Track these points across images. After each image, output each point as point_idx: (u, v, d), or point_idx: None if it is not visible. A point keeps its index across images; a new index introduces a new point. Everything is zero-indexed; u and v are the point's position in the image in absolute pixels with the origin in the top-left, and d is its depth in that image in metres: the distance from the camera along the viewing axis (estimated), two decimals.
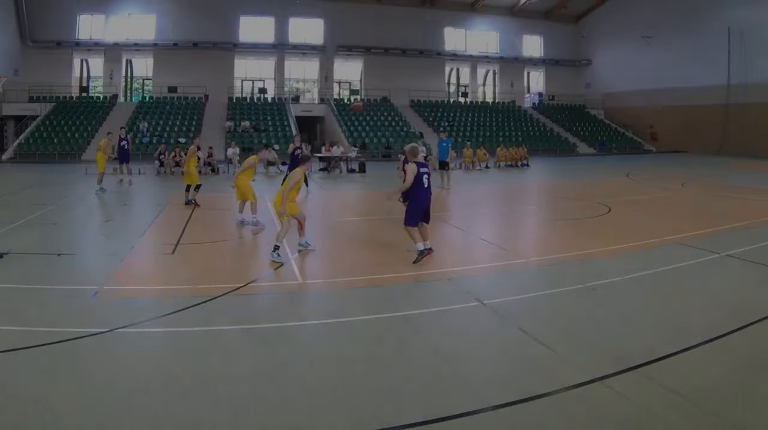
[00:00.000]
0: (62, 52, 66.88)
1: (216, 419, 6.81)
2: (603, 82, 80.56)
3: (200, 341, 9.25)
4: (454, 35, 78.82)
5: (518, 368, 8.21)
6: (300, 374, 8.11)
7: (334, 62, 75.11)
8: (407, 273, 13.54)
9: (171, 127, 59.26)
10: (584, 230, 19.26)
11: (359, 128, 63.20)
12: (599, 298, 11.53)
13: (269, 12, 71.49)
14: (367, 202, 25.07)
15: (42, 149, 53.10)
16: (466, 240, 18.12)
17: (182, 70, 68.30)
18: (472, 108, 75.54)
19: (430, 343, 9.15)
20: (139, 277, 13.84)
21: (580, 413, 6.95)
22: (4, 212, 20.51)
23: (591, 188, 31.30)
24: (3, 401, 7.06)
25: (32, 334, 9.24)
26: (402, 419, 6.83)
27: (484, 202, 27.08)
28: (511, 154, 50.29)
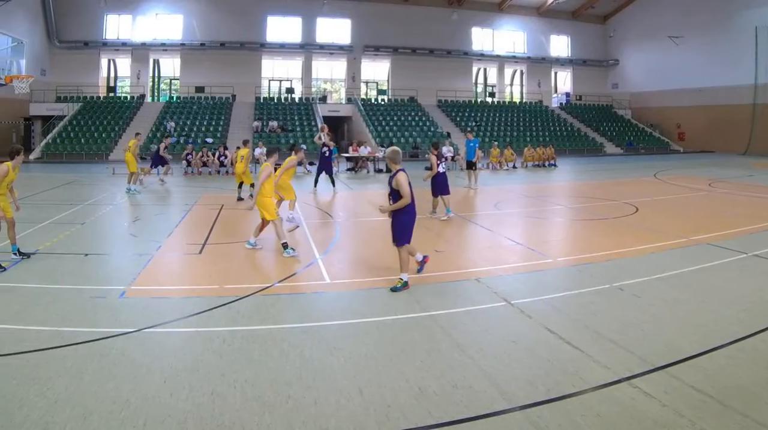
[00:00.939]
0: (89, 53, 67.16)
1: (243, 419, 6.87)
2: (630, 82, 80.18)
3: (227, 342, 9.30)
4: (481, 35, 78.45)
5: (545, 368, 8.24)
6: (328, 374, 8.15)
7: (361, 62, 74.90)
8: (435, 273, 13.54)
9: (198, 128, 59.30)
10: (611, 230, 19.20)
11: (386, 128, 62.96)
12: (626, 298, 11.54)
13: (296, 12, 71.37)
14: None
15: (69, 149, 53.20)
16: (493, 240, 18.02)
17: (209, 70, 68.49)
18: (499, 108, 75.18)
19: (458, 343, 9.17)
20: (166, 277, 13.94)
21: (608, 412, 6.99)
22: (32, 212, 20.56)
23: (618, 188, 31.15)
24: (32, 400, 7.17)
25: (60, 334, 9.39)
26: (430, 419, 6.89)
27: (511, 202, 27.02)
28: (538, 154, 50.01)
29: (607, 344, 9.04)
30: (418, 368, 8.26)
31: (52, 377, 7.88)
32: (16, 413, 6.89)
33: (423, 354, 8.77)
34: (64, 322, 9.76)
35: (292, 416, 6.94)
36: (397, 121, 65.31)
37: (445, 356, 8.68)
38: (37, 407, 7.02)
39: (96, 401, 7.24)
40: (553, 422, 6.76)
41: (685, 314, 10.55)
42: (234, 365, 8.40)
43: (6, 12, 51.77)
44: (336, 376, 8.06)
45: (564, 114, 76.58)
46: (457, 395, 7.46)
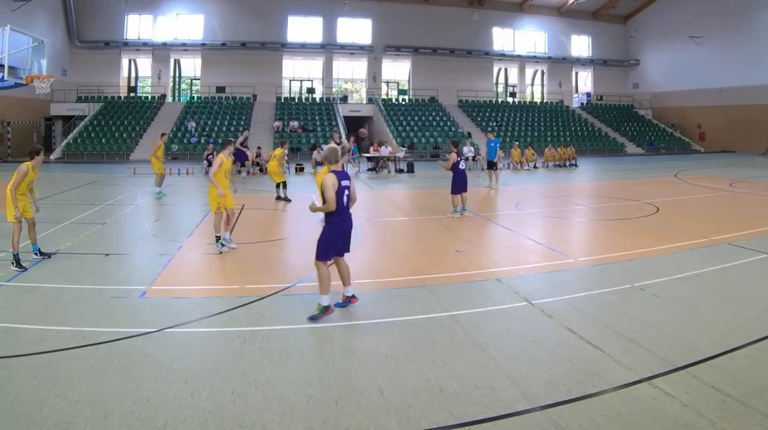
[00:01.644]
0: (110, 52, 67.47)
1: (264, 419, 6.90)
2: (651, 82, 79.88)
3: (248, 342, 9.34)
4: (502, 35, 78.33)
5: (566, 367, 8.26)
6: (348, 374, 8.19)
7: (382, 62, 74.92)
8: (456, 273, 13.58)
9: (219, 127, 59.39)
10: (632, 230, 19.15)
11: (407, 128, 63.00)
12: (647, 298, 11.53)
13: (317, 12, 71.47)
14: (415, 202, 25.05)
15: (90, 149, 53.47)
16: (514, 240, 18.00)
17: (230, 70, 68.62)
18: (520, 108, 75.05)
19: (479, 343, 9.19)
20: (187, 277, 14.01)
21: (628, 412, 6.99)
22: (53, 212, 20.65)
23: (639, 188, 31.08)
24: (53, 400, 7.23)
25: (80, 334, 9.45)
26: (451, 419, 6.90)
27: (532, 202, 26.99)
28: (559, 154, 49.92)
29: (627, 344, 9.04)
30: (438, 368, 8.27)
31: (72, 377, 7.93)
32: (37, 413, 6.94)
33: (444, 354, 8.78)
34: (85, 322, 9.81)
35: (312, 416, 6.97)
36: (417, 121, 65.31)
37: (466, 356, 8.70)
38: (57, 407, 7.06)
39: (116, 401, 7.28)
40: (574, 422, 6.77)
41: (706, 314, 10.55)
42: (254, 365, 8.44)
43: (27, 12, 52.00)
44: (357, 376, 8.09)
45: (585, 114, 76.34)
46: (478, 395, 7.47)
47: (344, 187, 10.74)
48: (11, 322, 10.04)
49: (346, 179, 10.87)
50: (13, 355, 8.69)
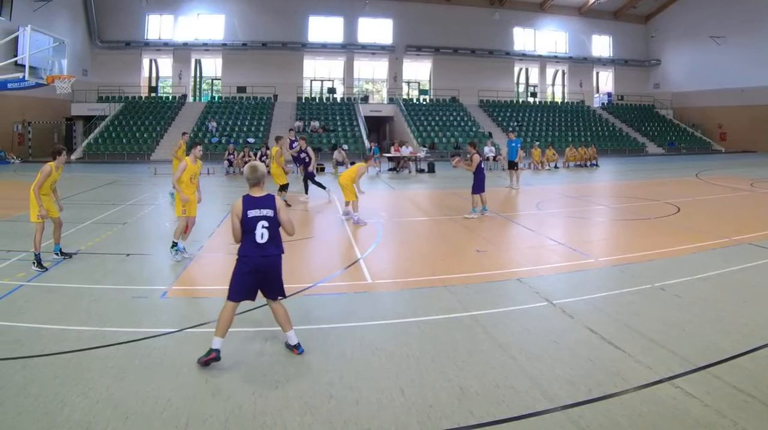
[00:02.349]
0: (131, 53, 68.01)
1: (285, 419, 6.92)
2: (672, 82, 79.71)
3: (269, 342, 9.39)
4: (523, 35, 78.45)
5: (587, 368, 8.25)
6: (369, 374, 8.20)
7: (403, 62, 75.10)
8: (477, 273, 13.57)
9: (240, 127, 59.78)
10: (653, 230, 19.10)
11: (428, 128, 63.07)
12: (668, 298, 11.49)
13: (338, 12, 71.78)
14: (436, 202, 25.02)
15: (111, 149, 53.86)
16: (535, 240, 17.99)
17: (251, 70, 68.96)
18: (541, 108, 75.14)
19: (500, 343, 9.19)
20: (207, 277, 14.09)
21: (649, 412, 6.98)
22: (74, 212, 20.69)
23: (660, 188, 31.07)
24: (74, 400, 7.27)
25: (101, 334, 9.50)
26: (472, 418, 6.91)
27: (553, 202, 26.97)
28: (580, 154, 49.91)
29: (648, 344, 9.03)
30: (459, 368, 8.28)
31: (93, 377, 7.97)
32: (58, 413, 6.98)
33: (464, 354, 8.78)
34: (106, 322, 9.83)
35: (333, 416, 6.98)
36: (438, 121, 65.45)
37: (486, 356, 8.70)
38: (78, 408, 7.10)
39: (137, 401, 7.32)
40: (595, 422, 6.76)
41: (727, 314, 10.49)
42: (276, 365, 8.48)
43: (48, 12, 52.38)
44: (378, 376, 8.10)
45: (606, 114, 76.30)
46: (499, 394, 7.47)
47: (256, 218, 8.82)
48: (32, 322, 10.10)
49: (265, 208, 8.90)
50: (35, 355, 8.74)
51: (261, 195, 8.95)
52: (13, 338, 9.36)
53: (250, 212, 8.76)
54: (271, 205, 8.89)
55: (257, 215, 8.75)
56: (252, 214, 8.75)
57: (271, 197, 9.00)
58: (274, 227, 8.88)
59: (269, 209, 8.84)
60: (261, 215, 8.76)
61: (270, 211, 8.84)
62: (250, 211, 8.77)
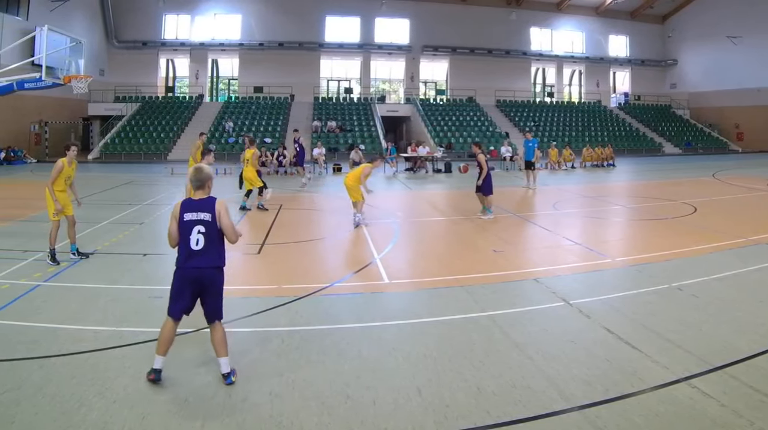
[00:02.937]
0: (148, 52, 68.28)
1: (302, 419, 6.93)
2: (689, 82, 79.41)
3: (286, 342, 9.37)
4: (539, 35, 78.28)
5: (604, 368, 8.25)
6: (386, 374, 8.20)
7: (420, 62, 75.07)
8: (493, 273, 13.58)
9: (257, 127, 59.79)
10: (670, 230, 19.10)
11: (445, 128, 62.99)
12: (685, 298, 11.47)
13: (355, 12, 71.78)
14: (453, 202, 24.98)
15: (128, 149, 54.01)
16: (552, 240, 17.99)
17: (268, 70, 69.09)
18: (557, 108, 74.98)
19: (516, 343, 9.19)
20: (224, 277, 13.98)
21: (666, 412, 6.97)
22: (91, 212, 20.68)
23: (676, 188, 31.04)
24: (90, 400, 7.30)
25: (119, 334, 9.54)
26: (488, 418, 6.92)
27: (570, 202, 26.97)
28: (597, 154, 49.74)
29: (665, 344, 9.02)
30: (476, 368, 8.28)
31: (110, 377, 8.00)
32: (75, 413, 7.00)
33: (481, 354, 8.78)
34: (123, 322, 9.85)
35: (350, 416, 6.98)
36: (455, 122, 65.33)
37: (503, 356, 8.70)
38: (95, 407, 7.13)
39: (154, 401, 7.36)
40: (612, 422, 6.76)
41: (744, 313, 10.47)
42: (292, 365, 8.47)
43: (64, 12, 52.62)
44: (394, 376, 8.11)
45: (622, 114, 76.01)
46: (516, 394, 7.47)
47: (192, 222, 7.98)
48: (49, 322, 10.14)
49: (203, 211, 8.02)
50: (52, 355, 8.77)
51: (202, 198, 8.16)
52: (30, 337, 9.39)
53: (186, 216, 7.98)
54: (209, 208, 8.03)
55: (193, 219, 7.95)
56: (188, 217, 7.97)
57: (212, 200, 8.13)
58: (212, 234, 8.00)
59: (207, 213, 7.98)
60: (197, 219, 7.95)
61: (208, 215, 7.97)
62: (186, 214, 7.99)
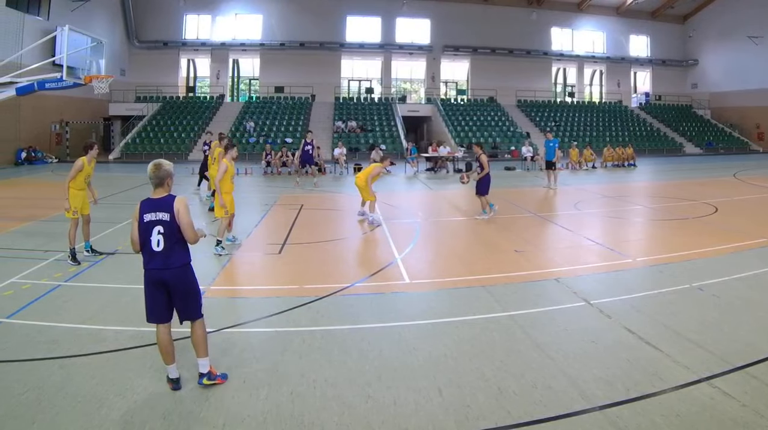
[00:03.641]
0: (169, 52, 68.43)
1: (323, 419, 6.97)
2: (710, 82, 78.97)
3: (307, 342, 9.40)
4: (560, 35, 78.00)
5: (625, 367, 8.26)
6: (407, 374, 8.22)
7: (440, 62, 74.91)
8: (514, 273, 13.61)
9: (278, 128, 59.86)
10: (691, 230, 19.08)
11: (466, 128, 62.80)
12: (705, 298, 11.47)
13: (376, 12, 71.70)
14: (474, 202, 24.94)
15: (148, 149, 53.86)
16: (573, 240, 17.99)
17: (289, 70, 69.10)
18: (578, 108, 74.71)
19: (537, 343, 9.21)
20: (245, 277, 14.20)
21: (687, 412, 6.98)
22: (112, 212, 20.98)
23: (697, 188, 30.87)
24: (111, 400, 7.37)
25: (139, 334, 9.57)
26: (509, 418, 6.94)
27: (591, 202, 26.94)
28: (618, 154, 49.60)
29: (686, 343, 9.02)
30: (497, 368, 8.30)
31: (131, 377, 8.07)
32: (96, 413, 7.07)
33: (502, 354, 8.80)
34: (144, 322, 9.83)
35: (371, 416, 7.02)
36: (476, 122, 65.17)
37: (524, 356, 8.72)
38: (116, 407, 7.19)
39: (175, 401, 7.42)
40: (633, 422, 6.78)
41: (765, 313, 10.46)
42: (313, 365, 8.50)
43: (86, 12, 52.82)
44: (415, 376, 8.13)
45: (643, 114, 75.67)
46: (537, 394, 7.50)
47: (152, 223, 7.76)
48: (70, 322, 10.24)
49: (161, 211, 7.80)
50: (72, 355, 8.86)
51: (160, 196, 7.93)
52: (50, 337, 9.48)
53: (146, 217, 7.76)
54: (168, 208, 7.79)
55: (152, 220, 7.72)
56: (147, 218, 7.75)
57: (171, 199, 7.89)
58: (172, 234, 7.75)
59: (165, 213, 7.76)
60: (156, 220, 7.73)
61: (166, 214, 7.75)
62: (145, 215, 7.78)
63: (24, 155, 48.14)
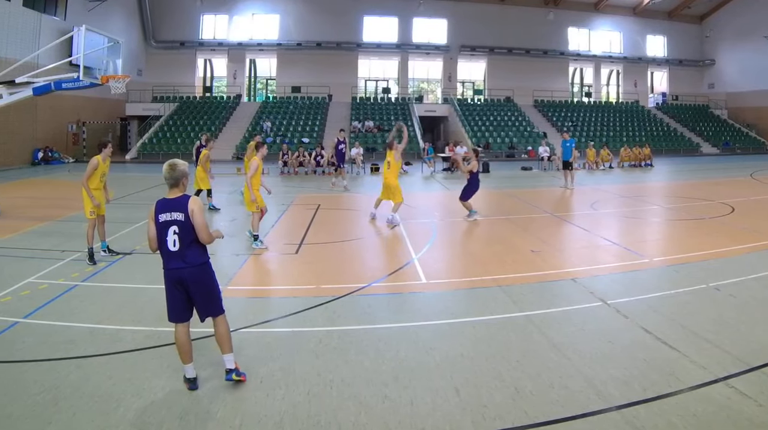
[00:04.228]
0: (186, 52, 68.68)
1: (339, 419, 6.99)
2: (726, 82, 78.70)
3: (323, 342, 9.42)
4: (577, 35, 77.80)
5: (641, 367, 8.27)
6: (424, 374, 8.24)
7: (457, 62, 74.83)
8: (531, 273, 13.63)
9: (294, 128, 59.89)
10: (707, 230, 19.05)
11: (482, 128, 62.85)
12: (722, 298, 11.47)
13: (393, 12, 71.66)
14: (490, 202, 24.95)
15: (165, 149, 53.88)
16: (589, 240, 18.02)
17: (305, 70, 69.13)
18: (595, 108, 74.52)
19: (554, 343, 9.23)
20: (262, 277, 14.27)
21: (704, 412, 6.99)
22: (129, 212, 21.15)
23: (714, 188, 30.75)
24: (128, 400, 7.42)
25: (156, 334, 9.65)
26: (526, 418, 6.96)
27: (608, 202, 26.93)
28: (635, 154, 49.50)
29: (703, 343, 9.03)
30: (514, 368, 8.32)
31: (148, 377, 8.11)
32: (113, 413, 7.11)
33: (519, 354, 8.82)
34: (161, 322, 9.79)
35: (388, 416, 7.04)
36: (493, 122, 65.16)
37: (541, 356, 8.74)
38: (133, 407, 7.23)
39: (192, 401, 7.45)
40: (649, 422, 6.79)
41: None
42: (330, 364, 8.53)
43: (102, 12, 53.02)
44: (432, 376, 8.14)
45: (660, 114, 75.43)
46: (554, 394, 7.51)
47: (167, 223, 7.85)
48: (87, 322, 10.29)
49: (176, 211, 7.85)
50: (89, 355, 8.90)
51: (175, 197, 7.97)
52: (67, 337, 9.53)
53: (161, 217, 7.83)
54: (182, 208, 7.83)
55: (167, 220, 7.79)
56: (163, 218, 7.82)
57: (186, 199, 7.93)
58: (187, 233, 7.81)
59: (180, 213, 7.80)
60: (171, 220, 7.79)
61: (181, 214, 7.80)
62: (161, 215, 7.84)
63: (41, 155, 48.33)
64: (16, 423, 6.90)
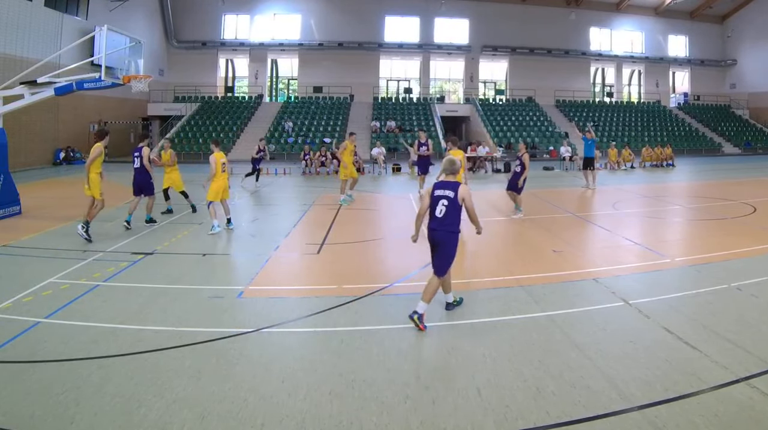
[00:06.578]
0: (207, 52, 68.76)
1: (361, 419, 6.99)
2: (748, 82, 78.26)
3: (345, 342, 9.42)
4: (599, 35, 77.53)
5: (663, 368, 8.24)
6: (446, 374, 8.26)
7: (479, 62, 74.68)
8: (553, 273, 13.61)
9: (316, 127, 59.85)
10: (729, 230, 18.99)
11: (504, 128, 62.67)
12: (744, 298, 11.42)
13: (414, 12, 71.57)
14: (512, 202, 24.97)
15: (187, 149, 53.90)
16: (611, 240, 17.94)
17: (327, 70, 69.28)
18: (617, 108, 74.29)
19: (576, 343, 9.21)
20: (284, 277, 14.17)
21: (725, 412, 6.97)
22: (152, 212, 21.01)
23: (736, 188, 30.66)
24: (150, 400, 7.42)
25: (178, 334, 9.66)
26: (548, 418, 6.95)
27: (629, 202, 26.81)
28: (656, 154, 49.43)
29: (724, 344, 8.99)
30: (536, 368, 8.30)
31: (170, 377, 8.12)
32: (134, 413, 7.12)
33: (541, 354, 8.81)
34: (182, 322, 9.97)
35: (410, 416, 7.03)
36: (515, 121, 65.03)
37: (562, 356, 8.72)
38: (155, 408, 7.24)
39: (214, 401, 7.45)
40: (671, 422, 6.77)
41: None
42: (352, 365, 8.52)
43: (124, 12, 53.25)
44: (454, 376, 8.15)
45: (682, 114, 75.14)
46: (575, 395, 7.50)
47: (439, 197, 10.63)
48: (109, 322, 10.30)
49: (447, 190, 10.61)
50: (111, 355, 8.91)
51: (449, 180, 10.74)
52: (89, 337, 9.55)
53: (437, 192, 10.59)
54: (454, 189, 10.52)
55: (440, 195, 10.54)
56: (437, 193, 10.57)
57: (457, 184, 10.65)
58: (451, 207, 10.53)
59: (451, 191, 10.49)
60: (443, 195, 10.51)
61: (451, 193, 10.49)
62: (436, 191, 10.60)
63: (62, 155, 48.54)
64: (38, 423, 6.93)
